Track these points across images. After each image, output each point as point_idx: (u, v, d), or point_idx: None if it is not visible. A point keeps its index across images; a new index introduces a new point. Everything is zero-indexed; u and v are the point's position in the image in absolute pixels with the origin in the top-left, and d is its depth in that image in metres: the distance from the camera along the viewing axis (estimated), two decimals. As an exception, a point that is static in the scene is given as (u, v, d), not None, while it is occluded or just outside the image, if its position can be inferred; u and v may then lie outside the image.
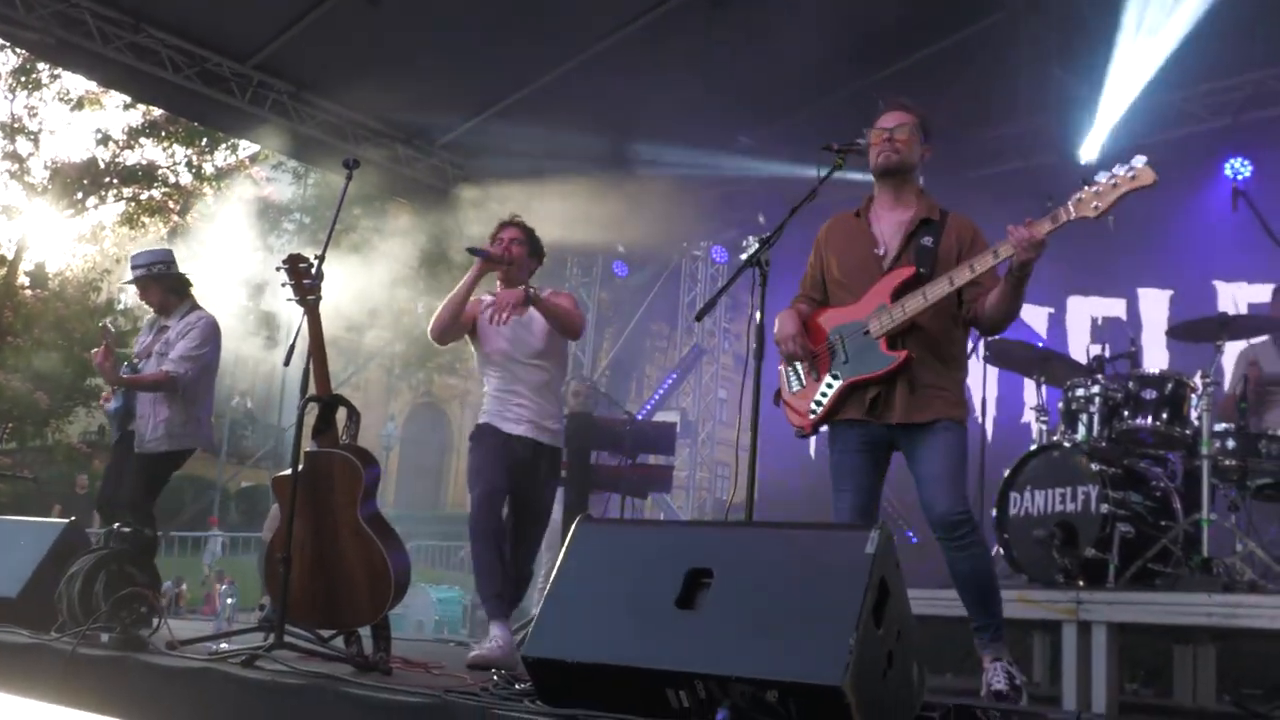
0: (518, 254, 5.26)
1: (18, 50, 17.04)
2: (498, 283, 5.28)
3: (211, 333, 5.93)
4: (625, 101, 9.36)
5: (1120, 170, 3.61)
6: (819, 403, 4.09)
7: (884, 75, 8.90)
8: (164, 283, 6.03)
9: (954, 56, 8.87)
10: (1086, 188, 3.66)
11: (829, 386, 4.07)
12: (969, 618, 3.99)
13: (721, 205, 11.04)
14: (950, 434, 3.94)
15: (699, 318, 4.44)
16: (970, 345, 5.97)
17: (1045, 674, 6.30)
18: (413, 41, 9.00)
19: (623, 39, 8.95)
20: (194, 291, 6.13)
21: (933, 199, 4.14)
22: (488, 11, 8.69)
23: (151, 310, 6.16)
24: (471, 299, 5.17)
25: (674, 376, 13.38)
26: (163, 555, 19.51)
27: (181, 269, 6.10)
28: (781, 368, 4.26)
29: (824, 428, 4.20)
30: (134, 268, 6.06)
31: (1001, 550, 5.64)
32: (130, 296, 15.40)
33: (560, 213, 10.99)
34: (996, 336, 6.38)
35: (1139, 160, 3.60)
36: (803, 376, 4.19)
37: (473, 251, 5.17)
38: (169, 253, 6.19)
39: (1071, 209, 3.67)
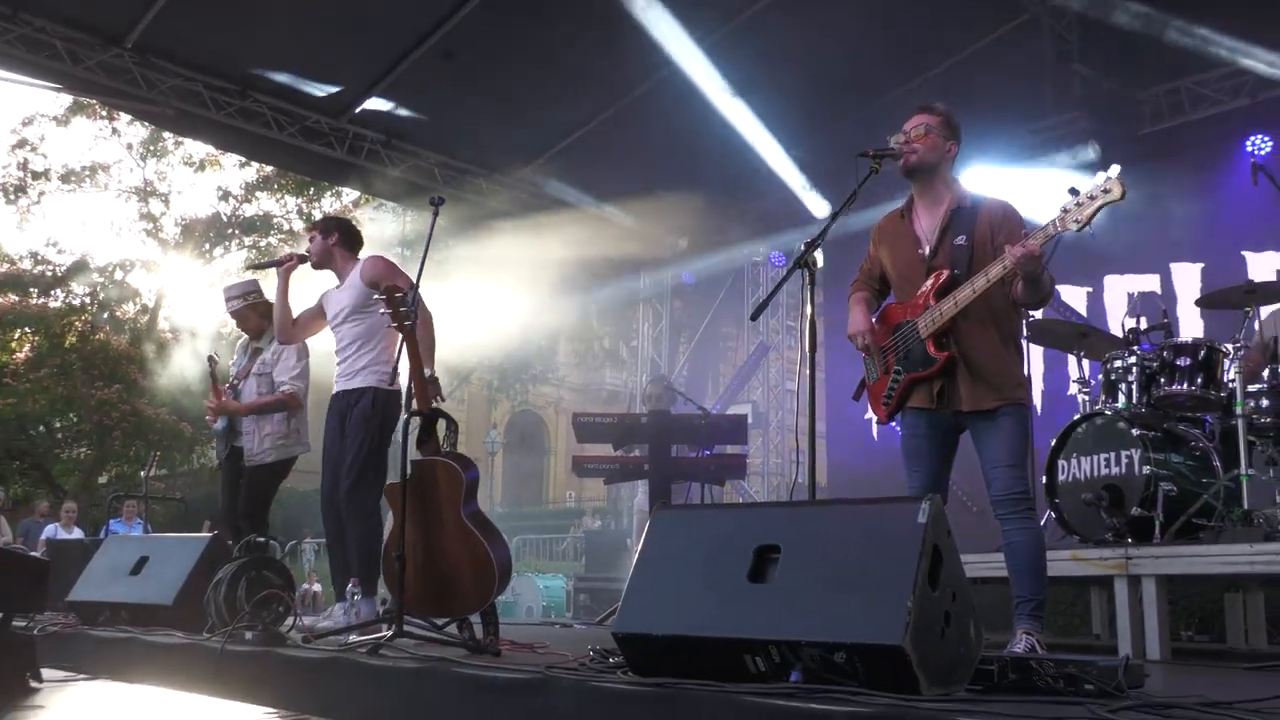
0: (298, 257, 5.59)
1: (145, 123, 17.57)
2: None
3: (305, 348, 6.00)
4: (681, 122, 9.38)
5: (1095, 185, 3.63)
6: (890, 394, 4.11)
7: (921, 81, 8.85)
8: (259, 309, 6.11)
9: (986, 59, 8.78)
10: (1069, 201, 3.68)
11: (895, 381, 4.08)
12: (1012, 591, 3.94)
13: (778, 213, 11.01)
14: (1011, 419, 3.91)
15: (753, 317, 4.51)
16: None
17: (1105, 628, 6.19)
18: (487, 87, 9.15)
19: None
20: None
21: (963, 189, 4.12)
22: (550, 55, 8.82)
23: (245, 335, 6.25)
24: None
25: (742, 373, 13.36)
26: (301, 560, 19.89)
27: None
28: (865, 358, 4.27)
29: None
30: (230, 299, 6.15)
31: (1054, 515, 5.56)
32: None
33: (629, 228, 11.07)
34: (1037, 316, 6.33)
35: (1113, 171, 3.62)
36: (877, 369, 4.21)
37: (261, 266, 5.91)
38: (255, 282, 6.28)
39: (1058, 223, 3.70)
